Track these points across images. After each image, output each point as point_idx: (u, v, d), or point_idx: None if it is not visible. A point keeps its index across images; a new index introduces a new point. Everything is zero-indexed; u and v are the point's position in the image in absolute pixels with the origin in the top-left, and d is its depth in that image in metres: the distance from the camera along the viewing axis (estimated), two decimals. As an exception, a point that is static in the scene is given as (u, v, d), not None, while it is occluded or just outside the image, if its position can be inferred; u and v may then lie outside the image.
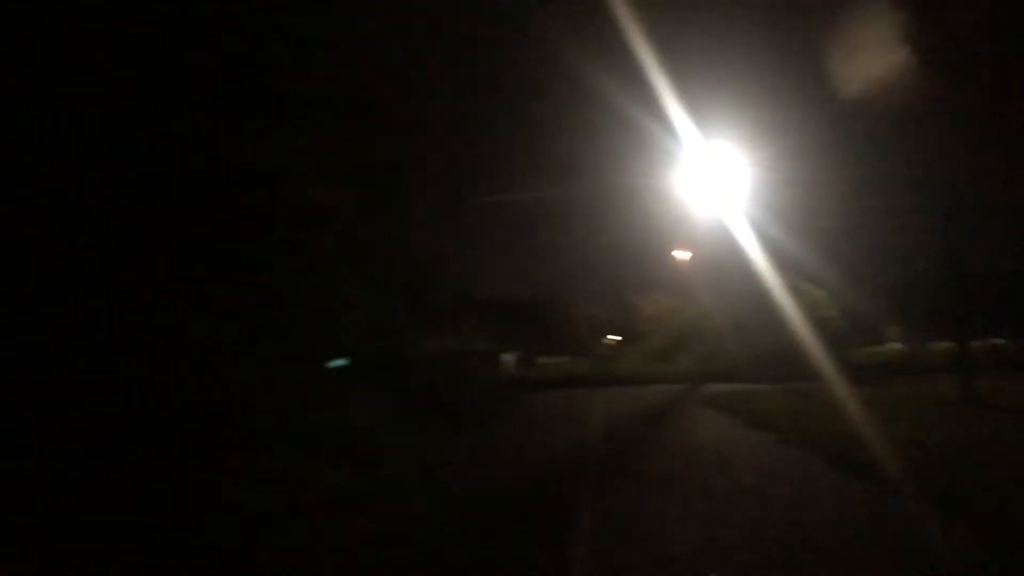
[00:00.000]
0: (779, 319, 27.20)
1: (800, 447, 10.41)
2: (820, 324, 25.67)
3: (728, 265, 33.50)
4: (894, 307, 37.53)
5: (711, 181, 29.19)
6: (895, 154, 16.02)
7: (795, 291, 29.53)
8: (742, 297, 31.69)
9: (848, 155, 16.94)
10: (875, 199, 17.20)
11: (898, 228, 17.45)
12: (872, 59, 14.42)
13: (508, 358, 47.21)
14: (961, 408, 15.17)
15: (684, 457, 10.30)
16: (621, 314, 57.76)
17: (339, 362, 12.33)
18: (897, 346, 42.96)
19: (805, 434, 11.31)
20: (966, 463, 8.05)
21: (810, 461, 9.22)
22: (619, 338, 58.95)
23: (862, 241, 19.87)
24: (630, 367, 32.92)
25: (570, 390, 29.55)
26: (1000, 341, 30.31)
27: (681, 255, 43.75)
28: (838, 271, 30.58)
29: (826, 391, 17.95)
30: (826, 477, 8.18)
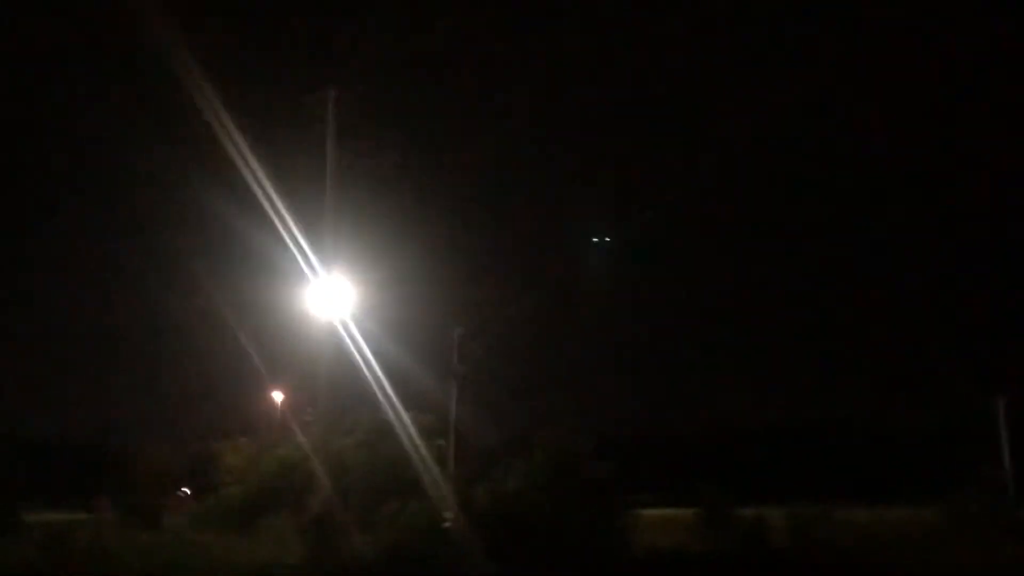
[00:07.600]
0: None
1: None
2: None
3: (343, 397, 28.76)
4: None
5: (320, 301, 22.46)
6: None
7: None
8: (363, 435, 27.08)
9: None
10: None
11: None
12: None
13: None
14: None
15: None
16: (201, 464, 48.23)
17: None
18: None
19: None
20: None
21: None
22: (187, 491, 47.48)
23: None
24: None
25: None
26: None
27: (278, 395, 37.82)
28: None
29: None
30: None
